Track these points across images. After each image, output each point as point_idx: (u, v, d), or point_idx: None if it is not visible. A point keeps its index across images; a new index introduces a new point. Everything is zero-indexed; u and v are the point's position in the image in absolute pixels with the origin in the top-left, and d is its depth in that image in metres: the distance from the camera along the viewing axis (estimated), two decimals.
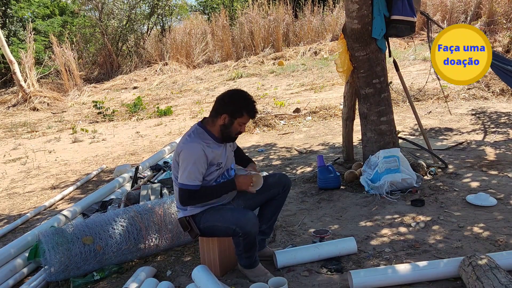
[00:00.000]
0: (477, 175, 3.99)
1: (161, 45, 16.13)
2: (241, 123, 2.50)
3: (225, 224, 2.46)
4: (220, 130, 2.51)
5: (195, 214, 2.56)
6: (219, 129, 2.51)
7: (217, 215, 2.50)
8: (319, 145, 5.75)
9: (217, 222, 2.49)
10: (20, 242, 3.25)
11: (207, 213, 2.53)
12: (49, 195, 5.00)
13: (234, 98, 2.50)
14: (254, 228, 2.43)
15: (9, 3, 15.41)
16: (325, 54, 13.78)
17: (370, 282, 2.37)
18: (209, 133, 2.52)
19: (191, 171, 2.40)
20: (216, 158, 2.51)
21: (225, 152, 2.59)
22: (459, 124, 5.98)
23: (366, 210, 3.48)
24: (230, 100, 2.49)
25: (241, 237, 2.43)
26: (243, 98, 2.50)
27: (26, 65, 12.50)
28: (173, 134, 7.53)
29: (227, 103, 2.48)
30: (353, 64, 3.96)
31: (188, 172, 2.40)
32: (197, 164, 2.40)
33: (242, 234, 2.41)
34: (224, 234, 2.54)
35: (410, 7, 3.78)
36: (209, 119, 2.55)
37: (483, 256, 2.27)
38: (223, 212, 2.51)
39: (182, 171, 2.43)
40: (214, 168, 2.51)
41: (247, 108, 2.48)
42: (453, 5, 14.20)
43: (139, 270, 2.77)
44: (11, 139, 8.58)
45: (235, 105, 2.47)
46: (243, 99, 2.50)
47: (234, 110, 2.46)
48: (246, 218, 2.42)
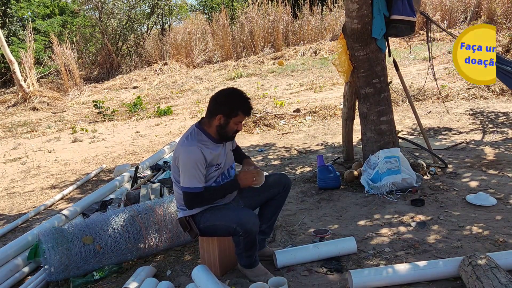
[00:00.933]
0: (477, 174, 3.99)
1: (161, 45, 16.13)
2: (237, 122, 2.48)
3: (226, 223, 2.46)
4: (217, 130, 2.50)
5: (194, 214, 2.56)
6: (216, 129, 2.50)
7: (218, 214, 2.50)
8: (319, 145, 5.75)
9: (218, 221, 2.49)
10: (20, 242, 3.25)
11: (207, 213, 2.53)
12: (49, 195, 5.00)
13: (227, 98, 2.48)
14: (255, 227, 2.43)
15: (9, 3, 15.40)
16: (325, 53, 13.78)
17: (370, 282, 2.37)
18: (207, 134, 2.51)
19: (193, 174, 2.40)
20: (215, 159, 2.51)
21: (224, 152, 2.58)
22: (459, 124, 5.98)
23: (366, 210, 3.48)
24: (223, 100, 2.47)
25: (241, 236, 2.43)
26: (237, 97, 2.49)
27: (26, 64, 12.50)
28: (173, 133, 7.53)
29: (221, 103, 2.47)
30: (353, 64, 3.96)
31: (190, 175, 2.40)
32: (197, 167, 2.40)
33: (242, 233, 2.41)
34: (224, 233, 2.54)
35: (410, 6, 3.78)
36: (205, 120, 2.55)
37: (483, 256, 2.27)
38: (223, 211, 2.51)
39: (184, 175, 2.43)
40: (214, 168, 2.51)
41: (241, 106, 2.46)
42: (453, 5, 14.21)
43: (139, 269, 2.77)
44: (11, 139, 8.58)
45: (229, 104, 2.46)
46: (236, 98, 2.48)
47: (229, 110, 2.45)
48: (246, 217, 2.42)
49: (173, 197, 3.29)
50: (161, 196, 3.79)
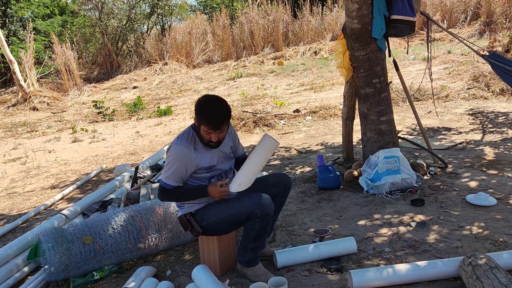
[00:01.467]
0: (477, 174, 3.99)
1: (161, 45, 16.14)
2: (205, 131, 2.44)
3: (241, 209, 2.46)
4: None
5: (194, 211, 2.57)
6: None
7: (226, 206, 2.51)
8: (319, 145, 5.75)
9: (228, 212, 2.49)
10: (20, 242, 3.25)
11: (212, 208, 2.54)
12: (49, 195, 5.00)
13: (200, 106, 2.44)
14: (271, 208, 2.46)
15: (9, 3, 15.40)
16: (325, 53, 13.78)
17: (370, 282, 2.37)
18: (199, 136, 2.51)
19: (170, 171, 2.47)
20: (204, 162, 2.52)
21: (216, 156, 2.57)
22: (459, 124, 5.98)
23: (366, 210, 3.48)
24: (197, 106, 2.46)
25: (258, 218, 2.43)
26: (207, 109, 2.41)
27: (26, 64, 12.50)
28: (173, 133, 7.53)
29: (195, 108, 2.46)
30: (353, 64, 3.96)
31: (167, 171, 2.49)
32: (176, 165, 2.46)
33: (260, 215, 2.42)
34: (235, 224, 2.54)
35: (410, 6, 3.78)
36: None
37: (483, 256, 2.27)
38: (233, 202, 2.52)
39: (164, 169, 2.52)
40: (204, 170, 2.54)
41: (206, 119, 2.40)
42: (453, 5, 14.21)
43: (139, 269, 2.77)
44: (11, 139, 8.58)
45: (198, 112, 2.44)
46: (206, 109, 2.41)
47: (198, 117, 2.44)
48: (263, 198, 2.44)
49: None
50: None
